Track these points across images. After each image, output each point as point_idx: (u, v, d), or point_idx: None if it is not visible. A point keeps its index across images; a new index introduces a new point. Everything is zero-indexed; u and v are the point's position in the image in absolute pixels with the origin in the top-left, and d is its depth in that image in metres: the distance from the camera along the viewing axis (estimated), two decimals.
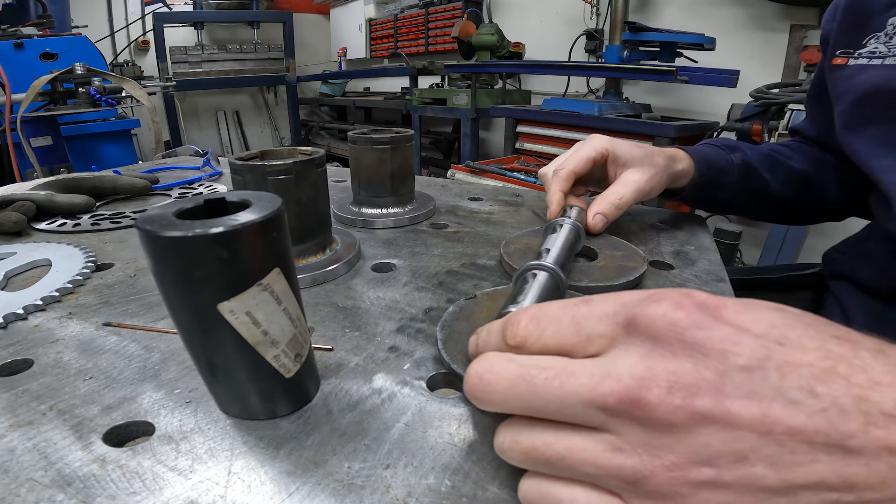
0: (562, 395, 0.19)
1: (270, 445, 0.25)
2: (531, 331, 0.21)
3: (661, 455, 0.17)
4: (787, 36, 2.08)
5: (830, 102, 0.56)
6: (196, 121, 4.41)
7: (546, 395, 0.19)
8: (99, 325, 0.37)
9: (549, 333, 0.21)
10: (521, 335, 0.21)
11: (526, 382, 0.19)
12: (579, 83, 2.78)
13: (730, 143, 0.59)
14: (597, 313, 0.20)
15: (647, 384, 0.17)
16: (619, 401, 0.17)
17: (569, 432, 0.19)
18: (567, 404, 0.19)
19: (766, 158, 0.59)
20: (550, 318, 0.21)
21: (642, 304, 0.19)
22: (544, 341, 0.21)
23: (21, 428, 0.26)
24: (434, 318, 0.38)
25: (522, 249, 0.48)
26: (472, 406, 0.28)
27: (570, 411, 0.19)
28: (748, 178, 0.57)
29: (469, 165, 2.20)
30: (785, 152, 0.62)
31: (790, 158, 0.61)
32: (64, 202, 0.63)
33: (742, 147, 0.59)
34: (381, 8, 3.98)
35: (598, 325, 0.20)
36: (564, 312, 0.21)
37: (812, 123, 0.66)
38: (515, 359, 0.21)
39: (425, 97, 2.99)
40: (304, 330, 0.27)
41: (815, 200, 0.62)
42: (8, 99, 1.46)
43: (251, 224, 0.22)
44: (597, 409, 0.18)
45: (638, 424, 0.17)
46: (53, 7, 2.41)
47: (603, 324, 0.20)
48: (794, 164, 0.60)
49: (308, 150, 0.45)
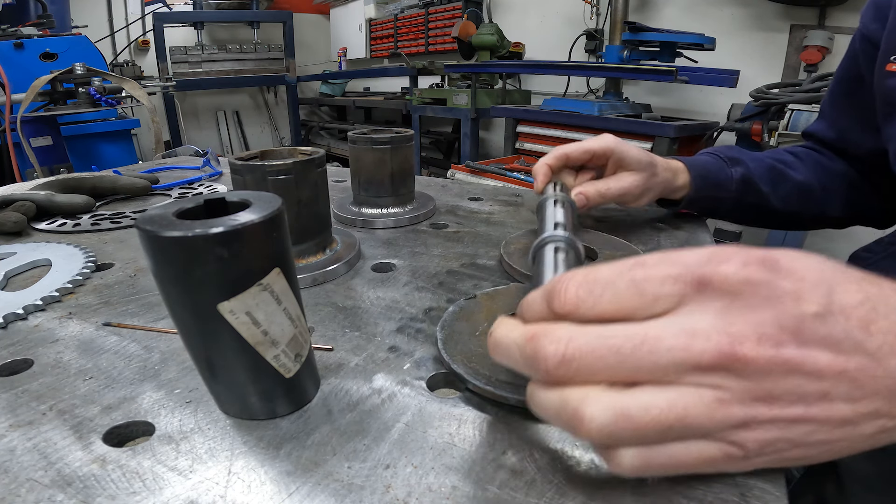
0: (654, 359, 0.19)
1: (270, 445, 0.25)
2: (583, 297, 0.20)
3: (761, 400, 0.19)
4: (787, 36, 2.08)
5: (860, 104, 0.54)
6: (196, 121, 4.41)
7: (636, 363, 0.19)
8: (99, 325, 0.37)
9: (607, 298, 0.20)
10: (572, 302, 0.20)
11: (614, 353, 0.19)
12: (579, 83, 2.78)
13: (733, 155, 0.58)
14: (659, 275, 0.20)
15: (739, 339, 0.18)
16: (714, 358, 0.18)
17: (672, 394, 0.19)
18: (659, 368, 0.19)
19: (768, 171, 0.58)
20: (604, 282, 0.20)
21: (711, 263, 0.19)
22: (602, 307, 0.20)
23: (21, 428, 0.26)
24: (434, 318, 0.38)
25: (522, 249, 0.48)
26: (473, 406, 0.28)
27: (661, 374, 0.19)
28: (747, 192, 0.56)
29: (469, 165, 2.20)
30: (790, 161, 0.60)
31: (794, 169, 0.59)
32: (64, 202, 0.63)
33: (745, 159, 0.57)
34: (381, 8, 3.98)
35: (663, 287, 0.20)
36: (620, 276, 0.20)
37: (830, 125, 0.62)
38: (589, 330, 0.20)
39: (425, 97, 2.99)
40: (304, 330, 0.27)
41: (815, 213, 0.60)
42: (8, 99, 1.46)
43: (251, 224, 0.22)
44: (690, 369, 0.18)
45: (735, 376, 0.18)
46: (53, 7, 2.41)
47: (668, 285, 0.19)
48: (797, 177, 0.58)
49: (308, 150, 0.45)
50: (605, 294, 0.20)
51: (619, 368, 0.19)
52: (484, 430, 0.26)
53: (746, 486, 0.22)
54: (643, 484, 0.23)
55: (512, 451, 0.25)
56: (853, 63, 0.57)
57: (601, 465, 0.24)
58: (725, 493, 0.22)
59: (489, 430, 0.26)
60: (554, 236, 0.33)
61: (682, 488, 0.22)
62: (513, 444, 0.25)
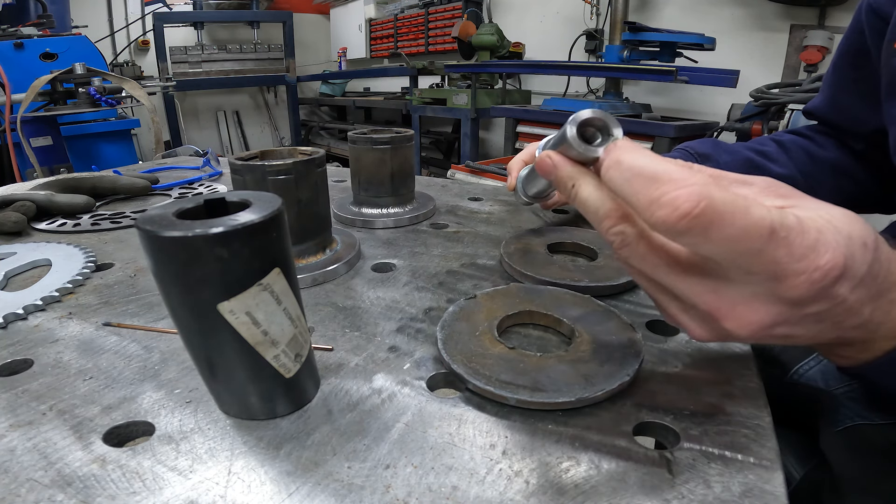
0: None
1: (270, 445, 0.25)
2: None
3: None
4: (787, 36, 2.08)
5: (864, 79, 0.53)
6: (196, 121, 4.41)
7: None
8: (99, 325, 0.37)
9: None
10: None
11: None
12: (579, 83, 2.78)
13: (705, 151, 0.56)
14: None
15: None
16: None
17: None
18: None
19: (743, 165, 0.57)
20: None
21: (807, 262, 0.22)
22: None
23: (21, 428, 0.26)
24: (434, 318, 0.38)
25: (522, 249, 0.48)
26: (473, 406, 0.28)
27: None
28: None
29: (469, 165, 2.20)
30: (771, 153, 0.59)
31: (774, 161, 0.58)
32: (64, 202, 0.63)
33: (717, 155, 0.56)
34: (381, 8, 3.98)
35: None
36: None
37: (832, 103, 0.60)
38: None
39: (425, 97, 2.99)
40: (304, 330, 0.27)
41: None
42: (8, 99, 1.46)
43: (251, 224, 0.22)
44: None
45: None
46: (53, 7, 2.40)
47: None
48: (775, 169, 0.57)
49: (308, 150, 0.45)
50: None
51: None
52: (484, 430, 0.26)
53: (746, 486, 0.22)
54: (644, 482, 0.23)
55: (512, 451, 0.25)
56: (858, 36, 0.55)
57: (601, 465, 0.24)
58: (725, 494, 0.22)
59: (489, 430, 0.26)
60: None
61: (682, 488, 0.22)
62: (513, 444, 0.25)
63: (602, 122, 0.25)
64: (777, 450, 0.24)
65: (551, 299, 0.37)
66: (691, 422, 0.26)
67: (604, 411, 0.27)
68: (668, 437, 0.26)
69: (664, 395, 0.28)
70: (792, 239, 0.21)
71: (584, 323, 0.34)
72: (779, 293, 0.22)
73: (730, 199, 0.20)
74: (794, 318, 0.23)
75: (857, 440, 0.39)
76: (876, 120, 0.54)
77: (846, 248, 0.21)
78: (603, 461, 0.24)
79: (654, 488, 0.22)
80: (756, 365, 0.31)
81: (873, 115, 0.54)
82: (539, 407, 0.27)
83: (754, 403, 0.28)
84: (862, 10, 0.54)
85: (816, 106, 0.62)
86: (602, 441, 0.25)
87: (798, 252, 0.21)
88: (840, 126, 0.60)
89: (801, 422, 0.47)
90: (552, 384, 0.28)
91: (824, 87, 0.62)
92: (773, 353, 0.50)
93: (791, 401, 0.46)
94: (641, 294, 0.41)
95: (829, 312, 0.23)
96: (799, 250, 0.21)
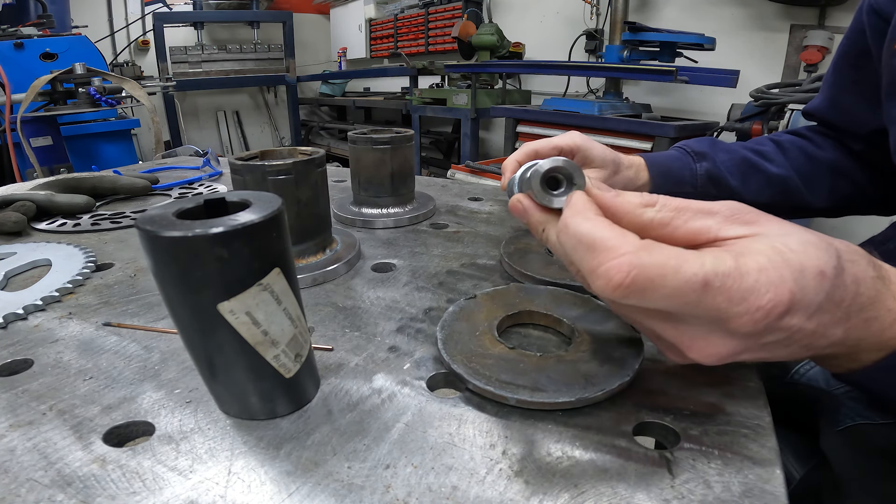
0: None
1: (270, 445, 0.25)
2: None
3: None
4: (787, 36, 2.08)
5: (865, 80, 0.53)
6: (196, 121, 4.41)
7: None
8: (99, 325, 0.37)
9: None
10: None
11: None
12: (579, 83, 2.78)
13: (702, 149, 0.57)
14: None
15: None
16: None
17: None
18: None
19: (740, 164, 0.57)
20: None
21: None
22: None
23: (21, 428, 0.26)
24: (434, 318, 0.38)
25: (522, 249, 0.48)
26: (473, 406, 0.28)
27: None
28: (713, 188, 0.56)
29: (469, 165, 2.20)
30: (769, 152, 0.59)
31: (771, 161, 0.58)
32: (64, 202, 0.63)
33: (714, 153, 0.56)
34: (381, 8, 3.97)
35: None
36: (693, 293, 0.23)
37: (832, 103, 0.60)
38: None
39: (425, 97, 2.99)
40: (304, 330, 0.27)
41: (796, 204, 0.59)
42: (8, 99, 1.46)
43: (251, 224, 0.22)
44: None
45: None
46: (53, 7, 2.40)
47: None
48: (772, 169, 0.57)
49: (308, 150, 0.45)
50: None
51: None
52: (484, 430, 0.26)
53: (746, 486, 0.22)
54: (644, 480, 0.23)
55: (512, 451, 0.25)
56: (859, 36, 0.54)
57: (601, 465, 0.24)
58: (725, 494, 0.22)
59: (489, 430, 0.26)
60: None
61: (682, 488, 0.22)
62: (513, 444, 0.25)
63: (567, 171, 0.27)
64: (777, 450, 0.24)
65: (551, 299, 0.37)
66: (691, 422, 0.26)
67: (604, 411, 0.27)
68: (668, 437, 0.26)
69: (664, 395, 0.28)
70: (729, 285, 0.21)
71: (584, 323, 0.34)
72: (730, 330, 0.23)
73: (660, 261, 0.21)
74: (754, 346, 0.24)
75: (857, 440, 0.39)
76: (875, 120, 0.54)
77: (794, 282, 0.22)
78: (603, 461, 0.24)
79: (654, 488, 0.22)
80: (756, 365, 0.31)
81: (873, 116, 0.54)
82: (539, 407, 0.27)
83: (754, 403, 0.28)
84: (863, 11, 0.54)
85: (816, 107, 0.62)
86: (602, 441, 0.25)
87: (736, 297, 0.22)
88: (839, 126, 0.60)
89: (802, 422, 0.47)
90: (552, 384, 0.28)
91: (824, 88, 0.62)
92: None
93: (791, 401, 0.46)
94: None
95: (789, 339, 0.23)
96: (738, 294, 0.21)
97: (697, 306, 0.22)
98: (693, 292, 0.21)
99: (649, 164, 0.55)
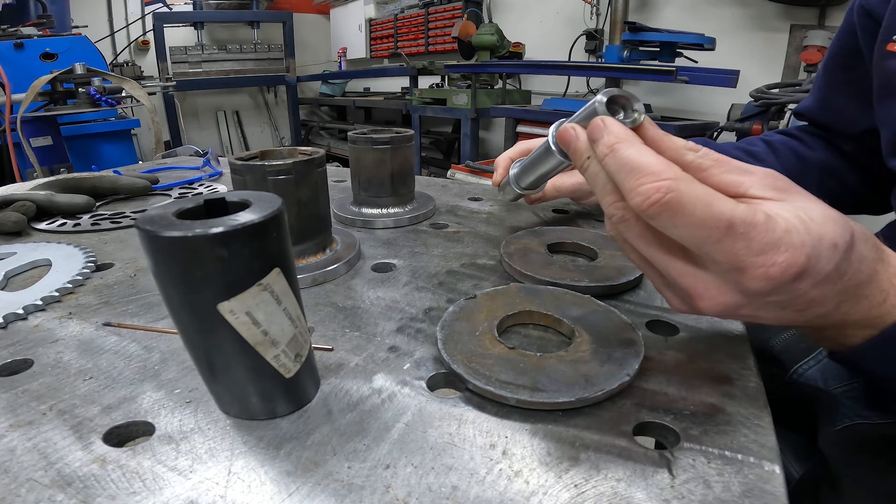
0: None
1: (270, 445, 0.25)
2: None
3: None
4: (787, 36, 2.08)
5: (856, 81, 0.53)
6: (196, 121, 4.41)
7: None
8: (99, 325, 0.37)
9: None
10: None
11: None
12: (579, 83, 2.78)
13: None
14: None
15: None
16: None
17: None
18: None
19: None
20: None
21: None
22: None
23: (21, 428, 0.26)
24: (434, 318, 0.38)
25: (522, 249, 0.48)
26: (473, 406, 0.28)
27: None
28: None
29: (469, 165, 2.20)
30: (759, 153, 0.59)
31: (762, 162, 0.58)
32: (64, 202, 0.63)
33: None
34: (381, 8, 3.98)
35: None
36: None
37: (822, 104, 0.60)
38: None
39: (425, 97, 2.99)
40: (304, 330, 0.27)
41: None
42: (8, 99, 1.46)
43: (251, 224, 0.22)
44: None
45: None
46: (53, 7, 2.41)
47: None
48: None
49: (308, 150, 0.45)
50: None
51: None
52: (484, 430, 0.26)
53: (746, 486, 0.22)
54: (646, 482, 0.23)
55: (512, 451, 0.25)
56: (850, 37, 0.55)
57: (601, 465, 0.24)
58: (725, 494, 0.22)
59: (489, 430, 0.26)
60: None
61: (682, 487, 0.22)
62: (513, 444, 0.25)
63: (626, 101, 0.28)
64: (777, 450, 0.24)
65: (551, 299, 0.37)
66: (691, 422, 0.26)
67: (604, 411, 0.27)
68: (668, 437, 0.26)
69: (664, 395, 0.28)
70: (752, 235, 0.23)
71: (584, 323, 0.34)
72: (741, 283, 0.24)
73: (696, 193, 0.23)
74: (757, 303, 0.26)
75: (855, 439, 0.39)
76: (866, 121, 0.54)
77: (812, 248, 0.23)
78: (603, 461, 0.24)
79: (654, 488, 0.22)
80: (756, 365, 0.31)
81: (863, 116, 0.54)
82: (539, 407, 0.27)
83: (754, 403, 0.28)
84: (854, 12, 0.54)
85: (807, 107, 0.63)
86: (602, 441, 0.25)
87: (756, 247, 0.23)
88: (830, 127, 0.60)
89: (801, 421, 0.47)
90: (552, 384, 0.28)
91: (814, 89, 0.62)
92: (773, 352, 0.50)
93: (790, 400, 0.46)
94: (641, 294, 0.41)
95: (790, 302, 0.25)
96: (758, 246, 0.23)
97: (718, 245, 0.23)
98: (717, 229, 0.23)
99: None
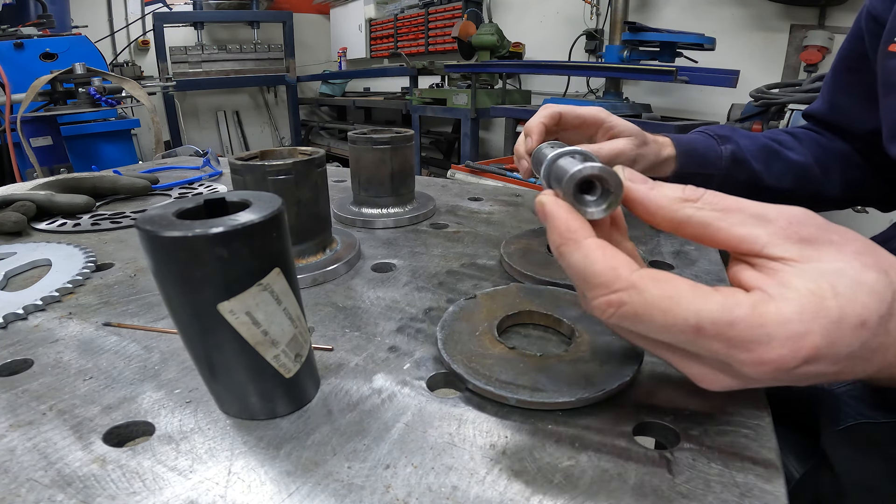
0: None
1: (270, 445, 0.25)
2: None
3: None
4: (787, 36, 2.08)
5: (863, 82, 0.54)
6: (196, 121, 4.41)
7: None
8: (99, 325, 0.37)
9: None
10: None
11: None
12: (579, 83, 2.78)
13: (724, 133, 0.58)
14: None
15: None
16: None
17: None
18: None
19: (762, 150, 0.58)
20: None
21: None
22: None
23: (21, 428, 0.26)
24: (434, 318, 0.38)
25: (522, 249, 0.48)
26: (473, 406, 0.28)
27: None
28: (737, 170, 0.56)
29: (469, 165, 2.20)
30: (787, 142, 0.60)
31: (791, 150, 0.59)
32: (64, 202, 0.63)
33: (736, 137, 0.57)
34: (381, 8, 3.97)
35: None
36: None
37: (830, 105, 0.62)
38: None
39: (425, 97, 2.99)
40: (304, 330, 0.27)
41: (812, 192, 0.60)
42: (8, 99, 1.46)
43: (251, 224, 0.22)
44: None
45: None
46: (53, 7, 2.41)
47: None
48: (793, 156, 0.59)
49: (308, 150, 0.45)
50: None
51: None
52: (484, 430, 0.26)
53: (746, 486, 0.22)
54: (645, 484, 0.23)
55: (512, 450, 0.25)
56: (858, 42, 0.57)
57: (601, 465, 0.24)
58: (725, 494, 0.22)
59: (489, 430, 0.26)
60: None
61: (682, 487, 0.22)
62: (513, 444, 0.25)
63: (604, 178, 0.24)
64: (777, 450, 0.24)
65: (551, 299, 0.37)
66: (691, 422, 0.26)
67: (604, 411, 0.27)
68: (668, 437, 0.26)
69: (664, 395, 0.28)
70: (729, 334, 0.20)
71: (584, 323, 0.34)
72: (737, 372, 0.22)
73: (651, 300, 0.21)
74: (766, 382, 0.22)
75: (859, 439, 0.39)
76: (872, 121, 0.56)
77: (822, 336, 0.20)
78: (603, 461, 0.24)
79: (654, 488, 0.22)
80: None
81: (870, 116, 0.56)
82: (539, 407, 0.27)
83: (754, 403, 0.28)
84: (862, 17, 0.56)
85: (815, 109, 0.65)
86: (602, 441, 0.25)
87: (738, 344, 0.20)
88: (838, 125, 0.62)
89: (802, 421, 0.47)
90: (552, 384, 0.28)
91: (823, 92, 0.64)
92: None
93: (791, 400, 0.46)
94: None
95: (807, 378, 0.21)
96: (739, 343, 0.20)
97: (694, 345, 0.21)
98: (683, 334, 0.21)
99: (675, 142, 0.55)
